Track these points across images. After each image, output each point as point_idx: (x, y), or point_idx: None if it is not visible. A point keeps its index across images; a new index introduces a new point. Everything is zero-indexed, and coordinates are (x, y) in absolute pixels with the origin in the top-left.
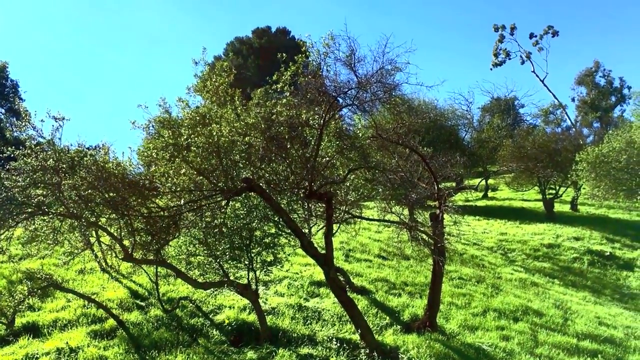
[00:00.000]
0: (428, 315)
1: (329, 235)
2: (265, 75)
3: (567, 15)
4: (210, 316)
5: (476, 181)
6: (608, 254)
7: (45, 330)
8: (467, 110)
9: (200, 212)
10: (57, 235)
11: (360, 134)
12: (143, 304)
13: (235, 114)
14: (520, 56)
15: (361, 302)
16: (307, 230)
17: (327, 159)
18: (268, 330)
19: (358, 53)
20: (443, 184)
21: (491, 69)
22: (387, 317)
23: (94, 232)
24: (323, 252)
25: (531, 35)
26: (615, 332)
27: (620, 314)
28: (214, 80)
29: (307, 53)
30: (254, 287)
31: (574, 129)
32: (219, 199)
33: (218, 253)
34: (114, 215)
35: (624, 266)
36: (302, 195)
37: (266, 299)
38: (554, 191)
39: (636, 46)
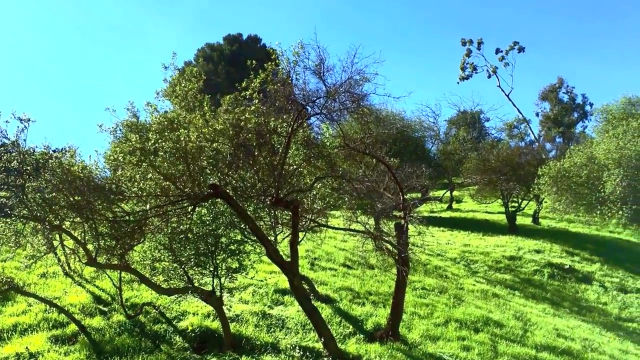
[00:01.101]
0: (391, 324)
1: (294, 243)
2: (235, 82)
3: (533, 32)
4: (174, 322)
5: (441, 192)
6: (567, 267)
7: (4, 334)
8: (434, 123)
9: (166, 217)
10: (20, 238)
11: (328, 143)
12: (106, 309)
13: (203, 119)
14: (487, 70)
15: (325, 311)
16: (273, 238)
17: (295, 167)
18: (231, 337)
19: (327, 62)
20: (408, 194)
21: (458, 83)
22: (351, 326)
23: (57, 236)
24: (288, 260)
25: (497, 51)
26: (573, 344)
27: (578, 326)
28: (183, 85)
29: (277, 61)
30: (218, 293)
31: (537, 144)
32: (185, 204)
33: (183, 259)
34: (78, 218)
35: (583, 279)
36: (268, 202)
37: (230, 306)
38: (516, 204)
39: (598, 64)
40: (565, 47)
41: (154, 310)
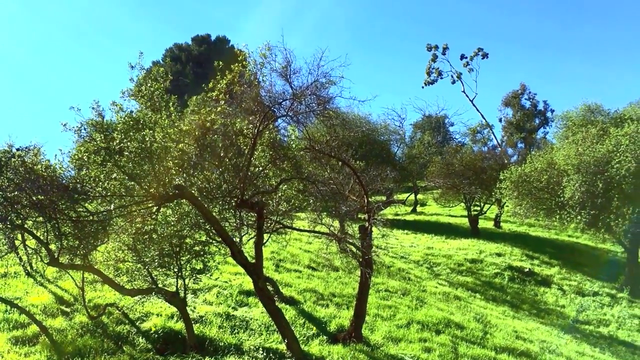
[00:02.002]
0: (354, 326)
1: (259, 244)
2: (203, 83)
3: (497, 39)
4: (137, 323)
5: (406, 196)
6: (527, 270)
7: None
8: (399, 126)
9: (131, 217)
10: None
11: (294, 145)
12: (68, 310)
13: (169, 120)
14: (452, 76)
15: (289, 312)
16: (238, 239)
17: (260, 168)
18: (195, 338)
19: (294, 65)
20: (373, 197)
21: (423, 87)
22: (314, 328)
23: (19, 235)
24: (253, 261)
25: (462, 57)
26: (531, 345)
27: (537, 329)
28: (149, 85)
29: (245, 63)
30: (182, 295)
31: (499, 149)
32: (150, 205)
33: (147, 260)
34: (41, 218)
35: (542, 282)
36: (233, 204)
37: (194, 307)
38: (479, 208)
39: (561, 72)
40: (528, 54)
41: (117, 311)
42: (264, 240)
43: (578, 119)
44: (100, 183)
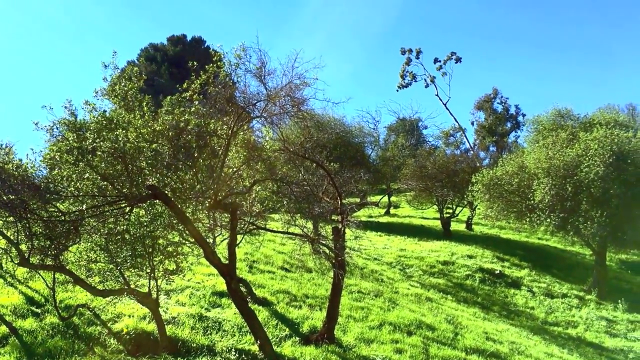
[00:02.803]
0: (326, 327)
1: (232, 245)
2: (178, 83)
3: (472, 43)
4: (109, 324)
5: (379, 198)
6: (498, 272)
7: None
8: (374, 129)
9: (103, 218)
10: None
11: (268, 146)
12: (39, 310)
13: (143, 120)
14: (425, 79)
15: (262, 314)
16: (211, 240)
17: (234, 169)
18: (167, 340)
19: (268, 66)
20: (347, 199)
21: (397, 90)
22: (287, 329)
23: None
24: (226, 262)
25: (435, 60)
26: (501, 347)
27: (507, 330)
28: (123, 84)
29: (220, 63)
30: (154, 295)
31: (471, 152)
32: (122, 205)
33: (119, 260)
34: (11, 218)
35: (512, 284)
36: (207, 204)
37: (167, 308)
38: (451, 210)
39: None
40: (501, 59)
41: (89, 312)
42: (238, 241)
43: (548, 123)
44: (73, 183)
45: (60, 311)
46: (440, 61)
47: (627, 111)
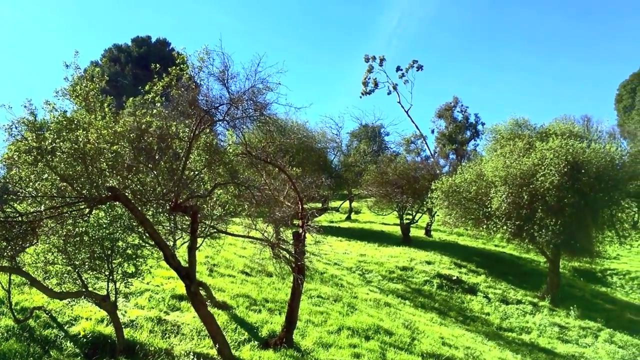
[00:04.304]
0: (285, 331)
1: (192, 248)
2: (142, 84)
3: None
4: (66, 327)
5: (340, 203)
6: (455, 278)
7: None
8: (336, 134)
9: (61, 219)
10: None
11: (230, 150)
12: None
13: (104, 121)
14: (388, 87)
15: (221, 317)
16: (171, 243)
17: (196, 172)
18: (125, 343)
19: (231, 70)
20: (309, 204)
21: (361, 97)
22: (246, 333)
23: None
24: (187, 265)
25: (398, 68)
26: (456, 352)
27: (462, 335)
28: (84, 85)
29: (183, 66)
30: (113, 298)
31: (432, 159)
32: (82, 206)
33: (77, 262)
34: None
35: (469, 290)
36: (168, 207)
37: (125, 312)
38: (411, 216)
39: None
40: (462, 68)
41: (45, 315)
42: (198, 245)
43: (506, 132)
44: (31, 183)
45: (15, 313)
46: (402, 69)
47: (582, 122)
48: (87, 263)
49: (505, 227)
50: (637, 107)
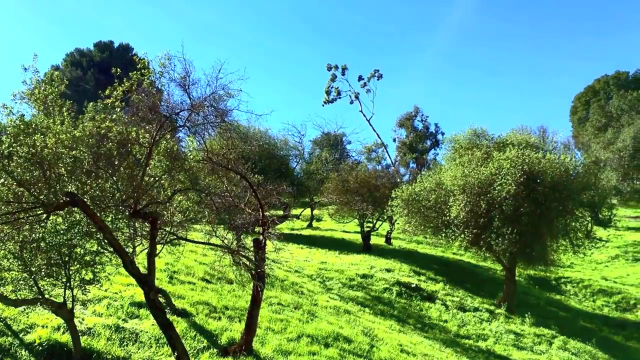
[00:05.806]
0: (245, 339)
1: (152, 255)
2: (104, 90)
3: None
4: (20, 335)
5: (300, 210)
6: (414, 286)
7: None
8: (298, 142)
9: (18, 225)
10: None
11: (191, 156)
12: None
13: (63, 126)
14: (349, 96)
15: (181, 325)
16: (131, 250)
17: (156, 178)
18: (81, 351)
19: (193, 76)
20: (270, 211)
21: (323, 105)
22: (206, 341)
23: None
24: (146, 272)
25: (360, 78)
26: (414, 359)
27: (421, 342)
28: (43, 88)
29: (144, 71)
30: (70, 306)
31: (392, 168)
32: (39, 212)
33: (34, 269)
34: None
35: (427, 298)
36: (127, 213)
37: (82, 319)
38: (371, 224)
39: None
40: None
41: None
42: (158, 252)
43: (465, 142)
44: None
45: None
46: (364, 79)
47: (539, 133)
48: (43, 270)
49: (463, 236)
50: (591, 119)
